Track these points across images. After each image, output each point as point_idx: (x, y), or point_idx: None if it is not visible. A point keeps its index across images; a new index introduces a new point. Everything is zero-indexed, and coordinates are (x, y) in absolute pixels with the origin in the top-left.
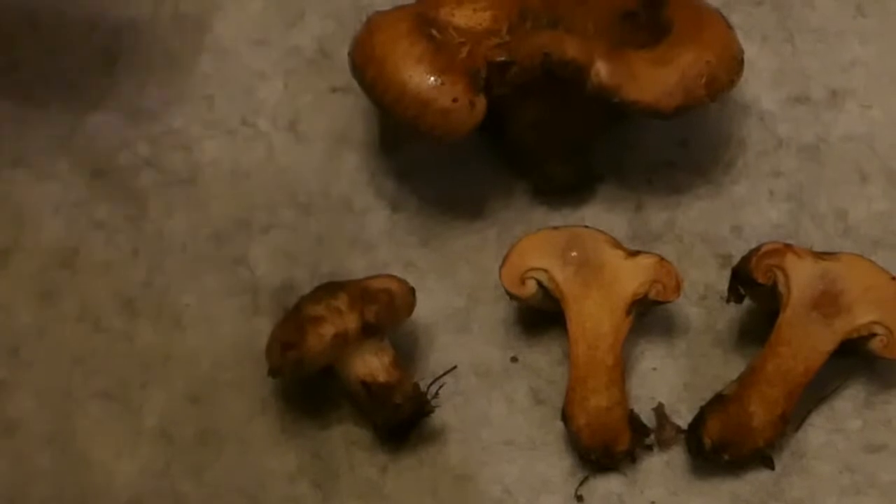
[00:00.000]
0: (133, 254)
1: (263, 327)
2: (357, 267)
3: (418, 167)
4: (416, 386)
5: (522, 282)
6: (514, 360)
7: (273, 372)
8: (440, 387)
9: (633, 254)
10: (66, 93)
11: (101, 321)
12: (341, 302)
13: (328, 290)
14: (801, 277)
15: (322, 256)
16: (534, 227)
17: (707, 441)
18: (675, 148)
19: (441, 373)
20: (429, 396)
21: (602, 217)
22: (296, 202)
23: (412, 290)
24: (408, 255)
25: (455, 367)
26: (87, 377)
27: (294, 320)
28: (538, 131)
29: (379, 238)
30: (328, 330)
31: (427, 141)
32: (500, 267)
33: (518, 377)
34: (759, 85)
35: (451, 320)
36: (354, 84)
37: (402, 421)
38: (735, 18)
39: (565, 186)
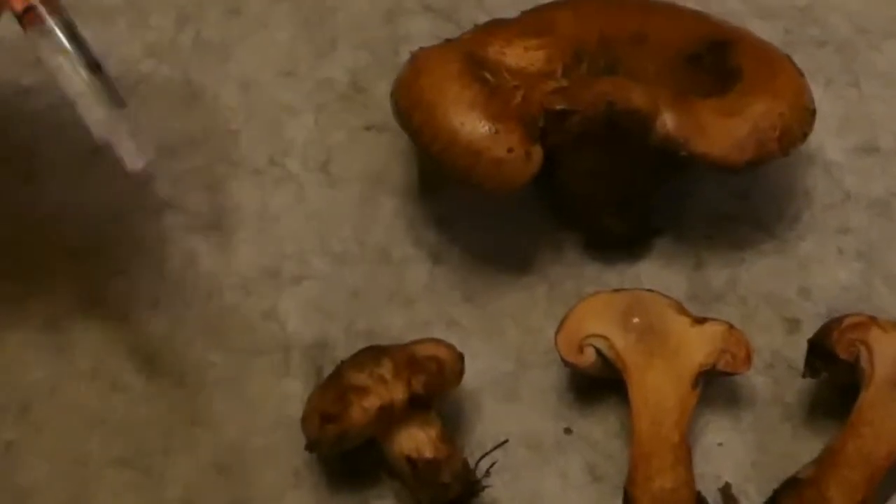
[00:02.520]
0: (153, 305)
1: (295, 389)
2: (395, 323)
3: (461, 214)
4: (466, 462)
5: (580, 349)
6: (567, 431)
7: (311, 445)
8: (492, 464)
9: (700, 321)
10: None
11: (119, 379)
12: (386, 370)
13: (372, 355)
14: (886, 353)
15: (358, 311)
16: (586, 283)
17: None
18: (736, 200)
19: (491, 447)
20: (478, 474)
21: (659, 274)
22: (328, 251)
23: (461, 357)
24: (450, 312)
25: (506, 441)
26: (103, 442)
27: (335, 389)
28: (594, 181)
29: (419, 292)
30: (373, 402)
31: (477, 192)
32: (556, 333)
33: (572, 450)
34: (824, 132)
35: (499, 386)
36: (391, 121)
37: (450, 501)
38: (796, 60)
39: (620, 240)
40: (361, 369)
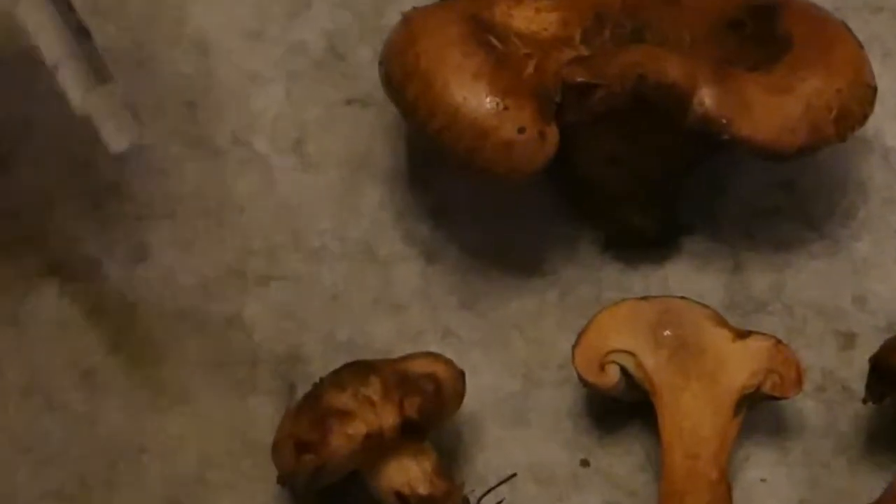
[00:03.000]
0: (94, 310)
1: (263, 410)
2: (382, 334)
3: (460, 206)
4: (466, 500)
5: (602, 367)
6: (584, 463)
7: (284, 479)
8: (498, 502)
9: (743, 334)
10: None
11: (54, 398)
12: (373, 390)
13: (356, 372)
14: None
15: (337, 318)
16: (605, 288)
17: None
18: (780, 192)
19: (495, 482)
20: None
21: (691, 278)
22: (303, 247)
23: (462, 376)
24: (446, 321)
25: (514, 476)
26: (34, 472)
27: (313, 412)
28: (616, 168)
29: (410, 297)
30: (358, 428)
31: (481, 180)
32: (574, 347)
33: (590, 487)
34: (882, 114)
35: (503, 409)
36: (376, 94)
37: None
38: None
39: (645, 238)
40: (344, 389)
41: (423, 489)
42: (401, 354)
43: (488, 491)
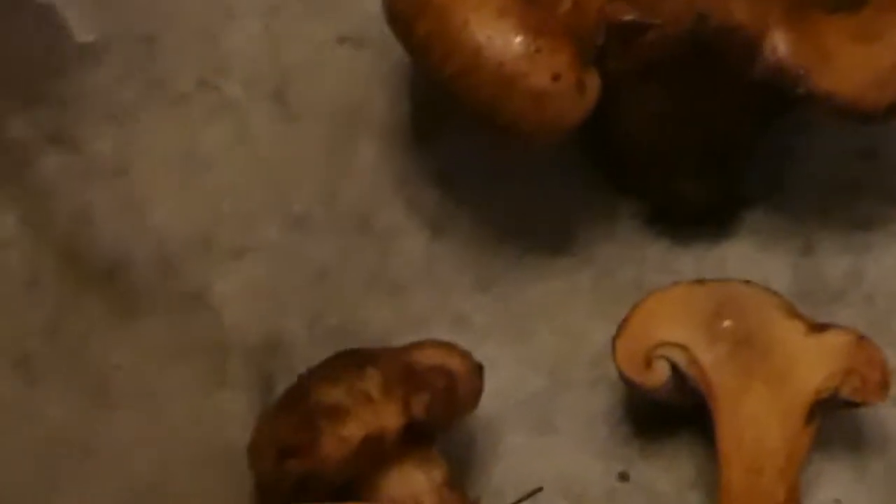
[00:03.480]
0: (31, 283)
1: (235, 406)
2: (379, 319)
3: (473, 169)
4: None
5: (648, 363)
6: (622, 477)
7: (264, 488)
8: None
9: (818, 328)
10: None
11: None
12: (373, 385)
13: (351, 363)
14: None
15: (325, 299)
16: (649, 270)
17: None
18: (859, 162)
19: (516, 498)
20: None
21: (753, 261)
22: (283, 213)
23: (479, 370)
24: (456, 306)
25: (539, 490)
26: None
27: (299, 410)
28: (665, 128)
29: (412, 275)
30: (355, 430)
31: (504, 138)
32: (615, 338)
33: None
34: None
35: (526, 411)
36: (375, 32)
37: None
38: None
39: (699, 211)
40: (336, 383)
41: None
42: (403, 344)
43: None
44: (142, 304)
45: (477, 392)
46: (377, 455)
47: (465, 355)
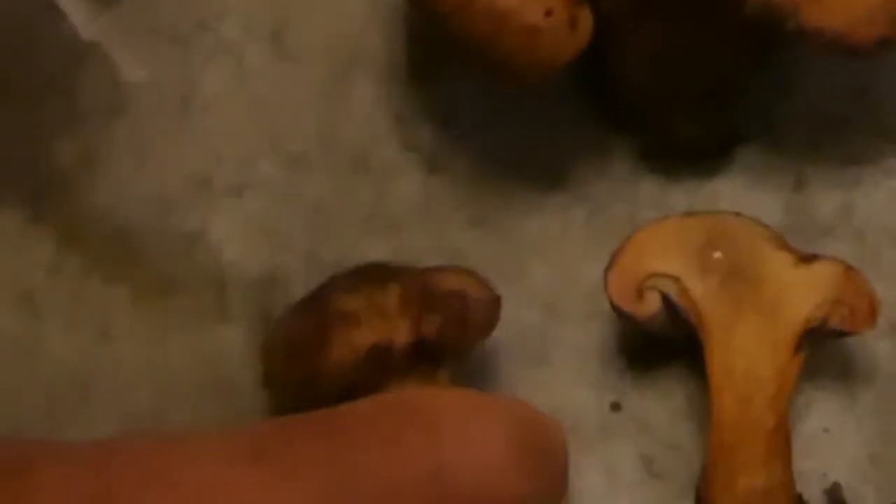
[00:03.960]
0: (32, 220)
1: (233, 341)
2: (375, 255)
3: (469, 107)
4: None
5: (640, 294)
6: (615, 408)
7: (269, 382)
8: None
9: (808, 259)
10: None
11: None
12: (391, 299)
13: (373, 276)
14: None
15: (322, 236)
16: (642, 206)
17: None
18: (852, 99)
19: None
20: None
21: (745, 196)
22: (281, 152)
23: (497, 302)
24: (452, 242)
25: None
26: None
27: (314, 313)
28: (659, 66)
29: (408, 212)
30: (365, 337)
31: (498, 75)
32: (607, 270)
33: (622, 436)
34: None
35: (520, 345)
36: None
37: None
38: None
39: (692, 147)
40: (356, 293)
41: None
42: None
43: None
44: (141, 242)
45: (491, 323)
46: (383, 366)
47: (486, 285)
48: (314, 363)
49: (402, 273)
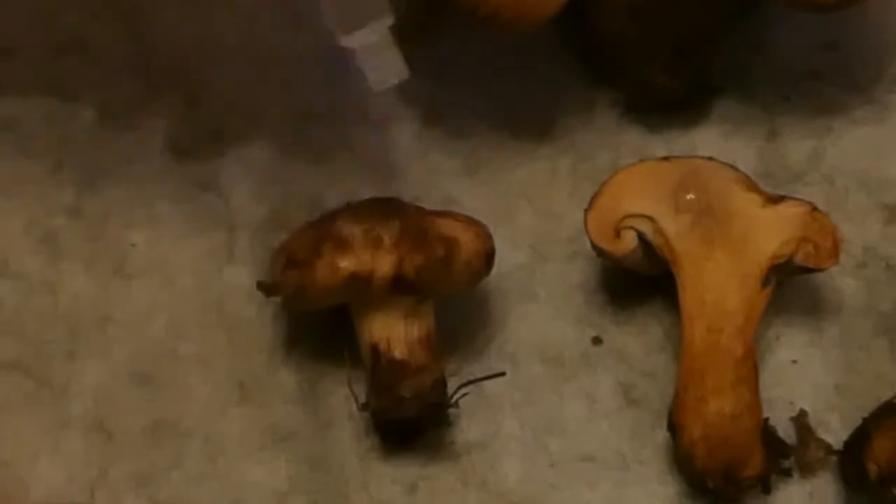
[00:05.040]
0: (56, 168)
1: (241, 280)
2: None
3: (462, 62)
4: (439, 382)
5: (617, 233)
6: (596, 341)
7: (266, 288)
8: (462, 395)
9: (775, 199)
10: None
11: (10, 263)
12: (389, 233)
13: (381, 209)
14: None
15: (325, 181)
16: (624, 154)
17: (872, 467)
18: (822, 52)
19: (492, 367)
20: (454, 400)
21: (721, 145)
22: (286, 104)
23: (489, 255)
24: (446, 188)
25: (502, 374)
26: None
27: (317, 231)
28: (638, 21)
29: (405, 161)
30: (348, 263)
31: (485, 29)
32: (586, 211)
33: (602, 366)
34: None
35: (509, 283)
36: None
37: (400, 421)
38: None
39: (671, 100)
40: (360, 220)
41: (398, 353)
42: None
43: (468, 383)
44: (158, 188)
45: (477, 272)
46: (364, 293)
47: (483, 237)
48: (302, 277)
49: (407, 211)
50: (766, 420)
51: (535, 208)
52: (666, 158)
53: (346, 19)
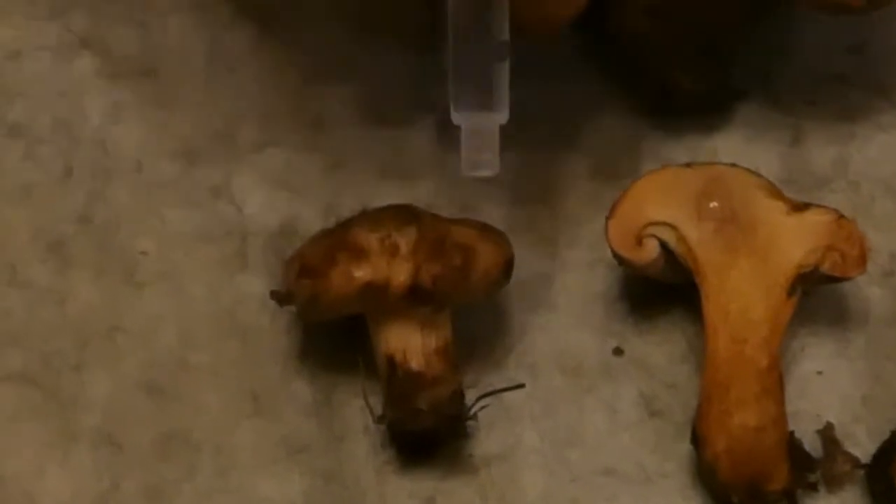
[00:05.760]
0: (65, 175)
1: (254, 288)
2: None
3: None
4: (458, 394)
5: (639, 241)
6: (617, 352)
7: (280, 297)
8: (481, 407)
9: (800, 207)
10: None
11: (18, 271)
12: (406, 240)
13: (399, 216)
14: None
15: (339, 188)
16: (644, 159)
17: None
18: (848, 56)
19: (510, 380)
20: (472, 412)
21: (744, 151)
22: (302, 110)
23: (508, 264)
24: (463, 193)
25: (522, 386)
26: None
27: (333, 239)
28: (659, 22)
29: (422, 166)
30: (363, 273)
31: (512, 32)
32: (608, 218)
33: (624, 377)
34: None
35: (529, 291)
36: None
37: (417, 434)
38: None
39: (692, 103)
40: (376, 227)
41: (415, 364)
42: None
43: (487, 394)
44: (168, 196)
45: (495, 281)
46: (379, 302)
47: (502, 246)
48: (316, 286)
49: (424, 218)
50: (792, 433)
51: (555, 214)
52: (688, 165)
53: (467, 97)
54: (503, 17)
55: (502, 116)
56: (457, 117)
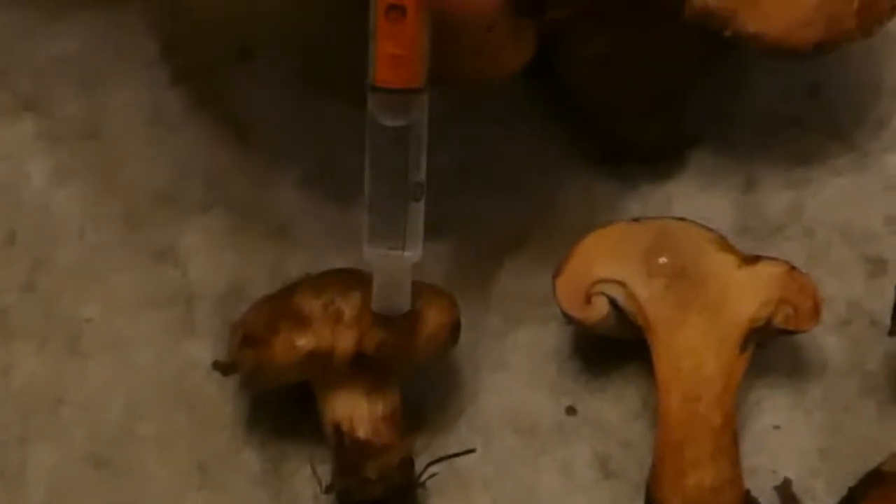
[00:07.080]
0: (7, 240)
1: (201, 354)
2: (340, 266)
3: (430, 118)
4: (406, 461)
5: (588, 299)
6: (570, 411)
7: (223, 367)
8: (431, 474)
9: (751, 260)
10: None
11: None
12: (350, 306)
13: (342, 281)
14: None
15: (287, 250)
16: (596, 210)
17: None
18: (802, 99)
19: (460, 445)
20: (422, 479)
21: (697, 199)
22: (249, 170)
23: (455, 327)
24: None
25: (472, 451)
26: None
27: (276, 306)
28: (609, 72)
29: None
30: (306, 342)
31: (446, 87)
32: (555, 276)
33: (577, 437)
34: None
35: (480, 349)
36: None
37: (367, 503)
38: None
39: (644, 152)
40: (319, 294)
41: (362, 433)
42: None
43: (437, 461)
44: (111, 261)
45: (443, 345)
46: (323, 371)
47: (449, 309)
48: (259, 356)
49: (369, 283)
50: (748, 491)
51: (505, 269)
52: (637, 220)
53: (379, 235)
54: (420, 158)
55: (414, 255)
56: (369, 253)
